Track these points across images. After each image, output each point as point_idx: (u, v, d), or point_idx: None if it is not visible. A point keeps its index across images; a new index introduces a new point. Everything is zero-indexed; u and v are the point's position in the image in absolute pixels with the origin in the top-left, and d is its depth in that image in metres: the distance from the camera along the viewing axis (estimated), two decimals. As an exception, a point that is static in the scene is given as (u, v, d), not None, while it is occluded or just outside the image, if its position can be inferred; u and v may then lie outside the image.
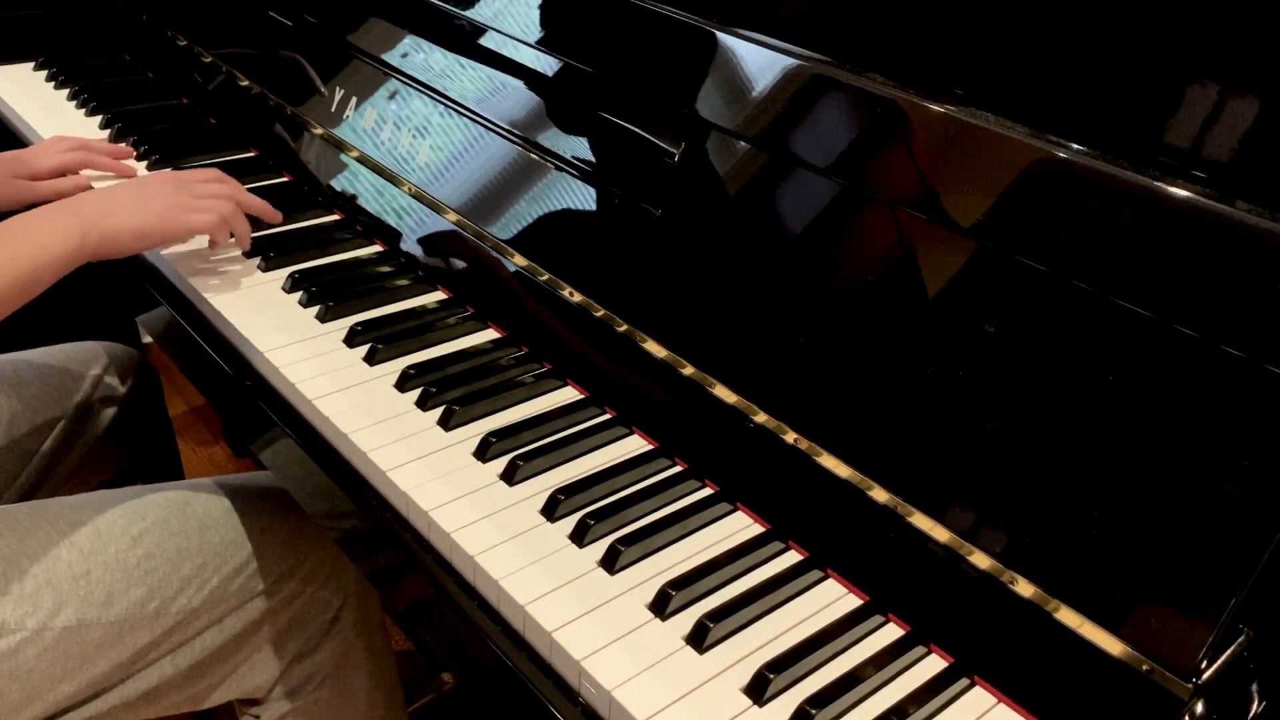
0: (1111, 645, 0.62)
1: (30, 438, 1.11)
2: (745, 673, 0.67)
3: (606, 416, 0.89)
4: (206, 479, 1.01)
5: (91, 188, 1.16)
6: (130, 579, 0.89)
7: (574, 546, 0.75)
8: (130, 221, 0.94)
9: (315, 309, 1.00)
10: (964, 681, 0.68)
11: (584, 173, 0.94)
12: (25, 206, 1.10)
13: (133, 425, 1.22)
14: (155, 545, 0.91)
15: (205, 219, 0.99)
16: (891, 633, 0.72)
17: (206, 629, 0.94)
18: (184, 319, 1.04)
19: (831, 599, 0.74)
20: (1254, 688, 0.61)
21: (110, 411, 1.19)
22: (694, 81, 0.88)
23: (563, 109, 0.97)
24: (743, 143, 0.84)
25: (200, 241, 1.07)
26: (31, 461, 1.12)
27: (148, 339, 1.76)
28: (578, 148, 0.95)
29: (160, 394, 1.30)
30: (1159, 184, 0.63)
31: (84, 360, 1.18)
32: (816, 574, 0.75)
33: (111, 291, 1.57)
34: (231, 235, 1.04)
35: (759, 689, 0.66)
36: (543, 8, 1.00)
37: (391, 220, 1.11)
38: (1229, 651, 0.60)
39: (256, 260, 1.07)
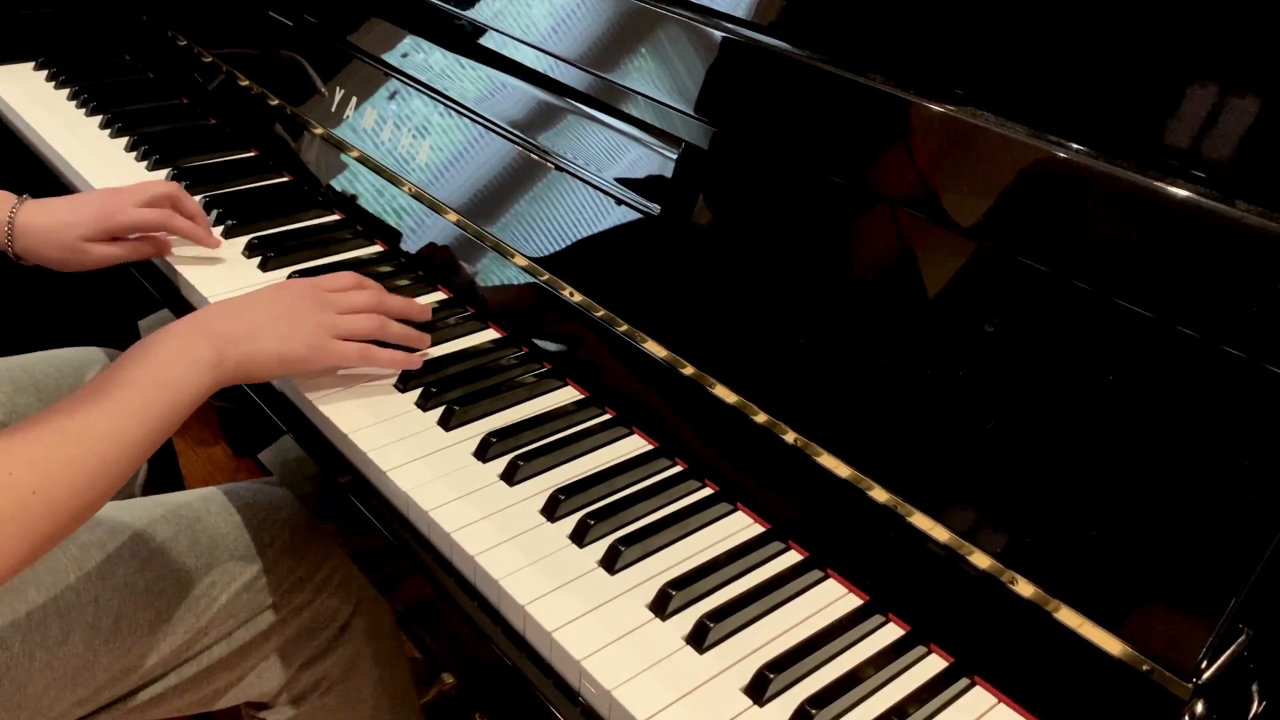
0: (1111, 645, 0.62)
1: None
2: (745, 672, 0.67)
3: (606, 416, 0.89)
4: (216, 490, 1.00)
5: (170, 251, 1.05)
6: (138, 603, 0.88)
7: (574, 546, 0.76)
8: (276, 347, 0.83)
9: (315, 309, 1.00)
10: (964, 681, 0.68)
11: (584, 173, 0.94)
12: (81, 269, 1.04)
13: None
14: (164, 567, 0.90)
15: (353, 352, 0.87)
16: (891, 633, 0.72)
17: (214, 643, 0.94)
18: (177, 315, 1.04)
19: (831, 599, 0.74)
20: (1254, 688, 0.61)
21: None
22: (694, 81, 0.88)
23: (563, 109, 0.97)
24: (742, 143, 0.84)
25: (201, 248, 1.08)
26: None
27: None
28: (578, 147, 0.95)
29: None
30: (1159, 184, 0.63)
31: (80, 366, 1.15)
32: (816, 574, 0.75)
33: (112, 294, 1.58)
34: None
35: (759, 689, 0.66)
36: (543, 8, 1.00)
37: (391, 220, 1.11)
38: (1229, 651, 0.60)
39: (255, 261, 1.07)
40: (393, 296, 0.94)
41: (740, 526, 0.79)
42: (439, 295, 1.05)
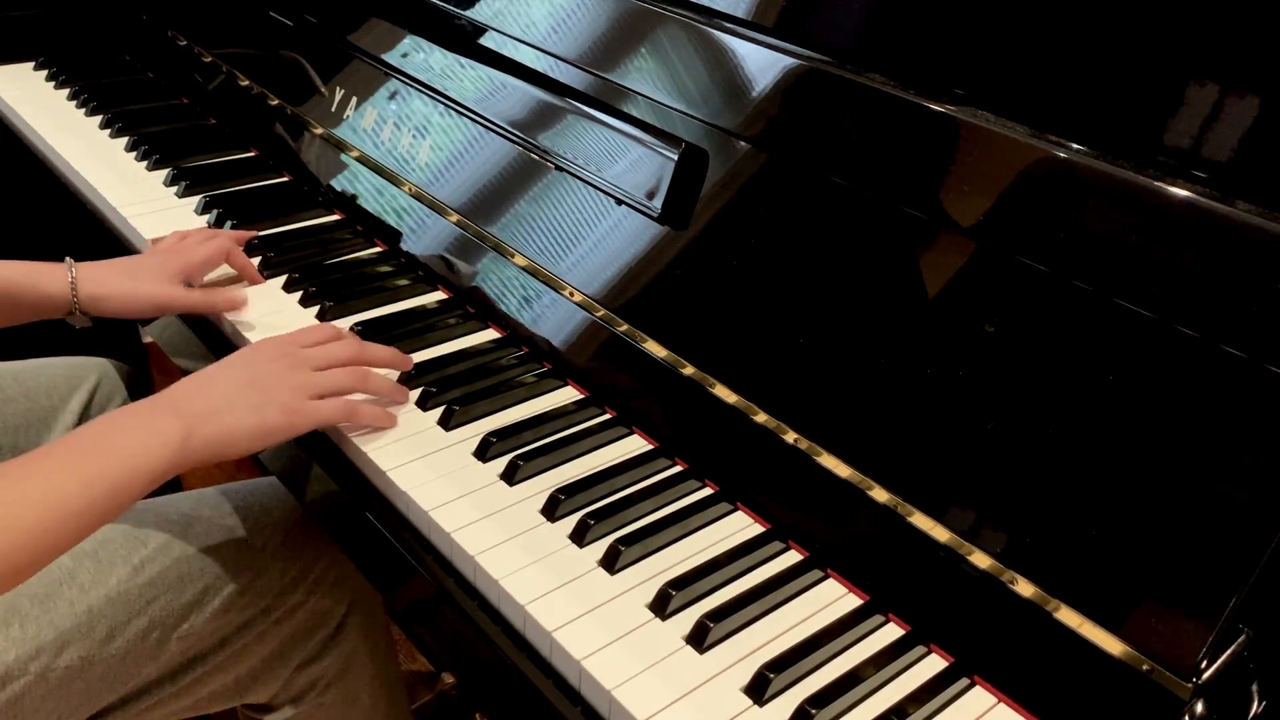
0: (1111, 645, 0.62)
1: (14, 456, 1.07)
2: (745, 672, 0.67)
3: (606, 416, 0.89)
4: (210, 492, 0.99)
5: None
6: (132, 610, 0.87)
7: (574, 546, 0.75)
8: (249, 420, 0.77)
9: (315, 309, 1.00)
10: (964, 681, 0.68)
11: (584, 173, 0.94)
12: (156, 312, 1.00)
13: None
14: (157, 574, 0.89)
15: (335, 410, 0.82)
16: (891, 633, 0.72)
17: (209, 647, 0.93)
18: (184, 319, 1.04)
19: (831, 599, 0.74)
20: (1254, 688, 0.61)
21: None
22: (694, 81, 0.88)
23: (563, 109, 0.97)
24: (742, 143, 0.84)
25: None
26: None
27: (148, 338, 1.76)
28: (578, 148, 0.95)
29: None
30: (1159, 184, 0.63)
31: (74, 377, 1.13)
32: (816, 574, 0.75)
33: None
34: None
35: (759, 689, 0.66)
36: (543, 8, 1.00)
37: (391, 220, 1.11)
38: (1229, 651, 0.60)
39: (256, 260, 1.07)
40: (375, 347, 0.89)
41: (740, 526, 0.79)
42: (439, 295, 1.05)
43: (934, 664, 0.70)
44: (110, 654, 0.86)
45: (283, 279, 1.04)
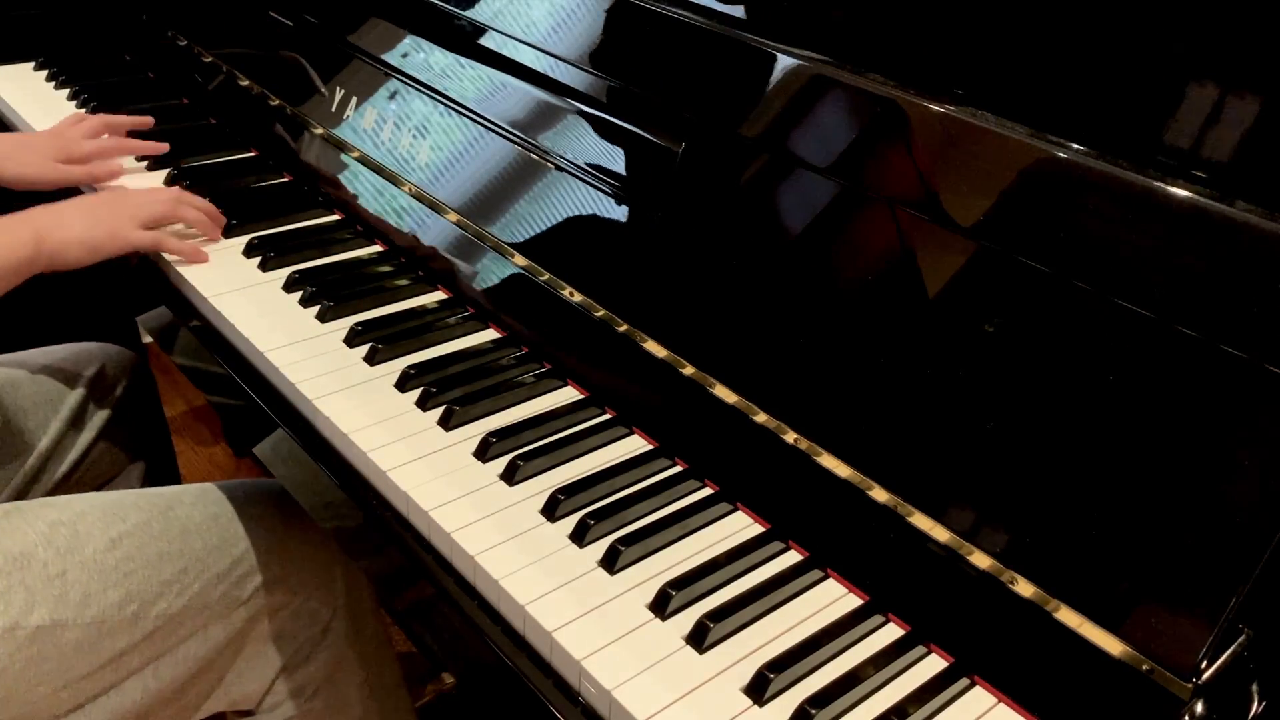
0: (1111, 645, 0.62)
1: (23, 441, 1.10)
2: (745, 672, 0.67)
3: (606, 416, 0.89)
4: (194, 485, 1.00)
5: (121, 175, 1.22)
6: (107, 580, 0.88)
7: (574, 546, 0.75)
8: (81, 234, 0.99)
9: (315, 309, 1.00)
10: (964, 681, 0.68)
11: (584, 173, 0.94)
12: (63, 190, 1.16)
13: (128, 429, 1.21)
14: (135, 548, 0.90)
15: (146, 238, 1.03)
16: (891, 633, 0.72)
17: (189, 638, 0.93)
18: (184, 319, 1.04)
19: (831, 599, 0.74)
20: (1254, 688, 0.61)
21: (105, 415, 1.17)
22: (695, 82, 0.88)
23: (563, 109, 0.97)
24: (743, 143, 0.84)
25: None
26: (25, 465, 1.10)
27: (148, 339, 1.76)
28: (578, 147, 0.95)
29: (156, 396, 1.29)
30: (1159, 184, 0.63)
31: (79, 362, 1.16)
32: (816, 574, 0.75)
33: (111, 291, 1.58)
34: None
35: (759, 689, 0.66)
36: (543, 8, 1.00)
37: (391, 220, 1.11)
38: (1229, 651, 0.60)
39: (256, 260, 1.07)
40: (194, 197, 1.11)
41: (740, 526, 0.79)
42: (439, 295, 1.05)
43: (934, 664, 0.70)
44: (84, 620, 0.86)
45: (283, 278, 1.04)
